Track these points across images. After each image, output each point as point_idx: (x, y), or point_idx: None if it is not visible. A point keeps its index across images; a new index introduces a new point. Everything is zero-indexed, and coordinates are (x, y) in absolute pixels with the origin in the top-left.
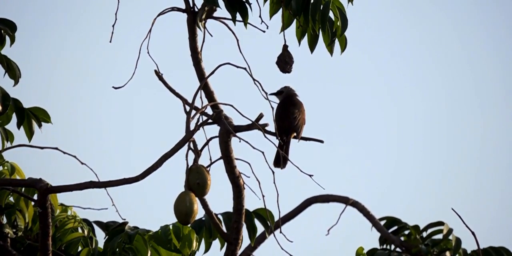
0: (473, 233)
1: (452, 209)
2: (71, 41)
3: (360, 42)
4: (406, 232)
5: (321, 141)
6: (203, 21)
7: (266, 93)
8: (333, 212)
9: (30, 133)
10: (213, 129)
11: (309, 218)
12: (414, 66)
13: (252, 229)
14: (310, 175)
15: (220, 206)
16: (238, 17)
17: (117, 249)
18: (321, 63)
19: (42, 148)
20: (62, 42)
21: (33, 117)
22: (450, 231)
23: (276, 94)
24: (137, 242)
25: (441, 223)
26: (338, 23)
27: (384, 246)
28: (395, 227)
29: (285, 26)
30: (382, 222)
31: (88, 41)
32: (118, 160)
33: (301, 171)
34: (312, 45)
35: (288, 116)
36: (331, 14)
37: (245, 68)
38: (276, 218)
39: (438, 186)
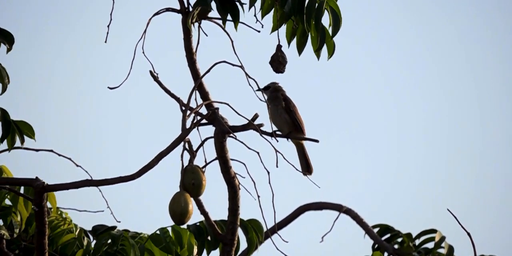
0: (468, 234)
1: (448, 209)
2: (66, 41)
3: (358, 38)
4: (399, 239)
5: (316, 141)
6: (198, 22)
7: (261, 91)
8: (327, 219)
9: (11, 145)
10: (208, 131)
11: (302, 225)
12: (414, 65)
13: (250, 242)
14: (305, 174)
15: (215, 206)
16: (230, 18)
17: (108, 250)
18: (316, 62)
19: (37, 150)
20: (56, 42)
21: (17, 132)
22: (442, 238)
23: (263, 89)
24: (125, 242)
25: (434, 231)
26: (329, 29)
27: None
28: (388, 235)
29: (276, 26)
30: (376, 230)
31: (83, 42)
32: (114, 162)
33: (297, 169)
34: (300, 48)
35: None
36: (325, 16)
37: (241, 66)
38: (267, 226)
39: (437, 189)
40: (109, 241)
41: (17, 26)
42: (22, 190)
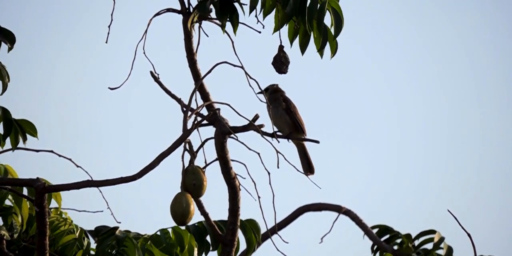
0: (469, 235)
1: (448, 210)
2: (66, 41)
3: (360, 38)
4: (398, 240)
5: (317, 142)
6: (198, 22)
7: (263, 92)
8: (326, 220)
9: (15, 144)
10: (208, 131)
11: (302, 226)
12: (415, 65)
13: (249, 243)
14: (307, 174)
15: (216, 207)
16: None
17: (109, 251)
18: (319, 63)
19: (37, 151)
20: (57, 43)
21: (19, 131)
22: (441, 239)
23: (263, 92)
24: (128, 243)
25: (433, 232)
26: (332, 28)
27: (377, 255)
28: (387, 236)
29: (278, 27)
30: (375, 231)
31: (84, 42)
32: (114, 162)
33: (298, 170)
34: (303, 48)
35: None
36: (327, 16)
37: (241, 67)
38: (268, 227)
39: (436, 190)
40: (115, 243)
41: (18, 26)
42: (25, 191)
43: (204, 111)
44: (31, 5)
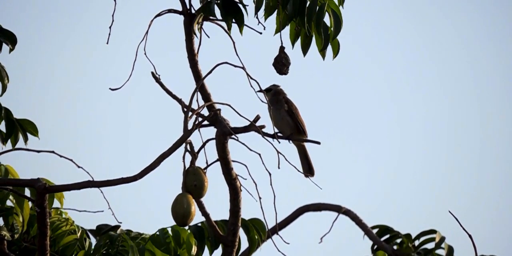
0: (470, 236)
1: (449, 211)
2: (67, 42)
3: (359, 40)
4: (398, 240)
5: (318, 143)
6: (200, 23)
7: (263, 92)
8: (326, 220)
9: (14, 142)
10: (209, 132)
11: (301, 226)
12: (416, 67)
13: (251, 242)
14: (307, 176)
15: (217, 208)
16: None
17: (109, 250)
18: (319, 64)
19: (38, 151)
20: (57, 43)
21: (20, 130)
22: (442, 239)
23: (264, 91)
24: (125, 243)
25: (433, 231)
26: (332, 29)
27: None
28: (388, 236)
29: (279, 28)
30: (375, 231)
31: (85, 43)
32: (115, 163)
33: (298, 170)
34: (305, 49)
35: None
36: (326, 17)
37: (243, 67)
38: (268, 228)
39: (437, 190)
40: (108, 241)
41: (19, 26)
42: (26, 192)
43: (205, 112)
44: (31, 5)
